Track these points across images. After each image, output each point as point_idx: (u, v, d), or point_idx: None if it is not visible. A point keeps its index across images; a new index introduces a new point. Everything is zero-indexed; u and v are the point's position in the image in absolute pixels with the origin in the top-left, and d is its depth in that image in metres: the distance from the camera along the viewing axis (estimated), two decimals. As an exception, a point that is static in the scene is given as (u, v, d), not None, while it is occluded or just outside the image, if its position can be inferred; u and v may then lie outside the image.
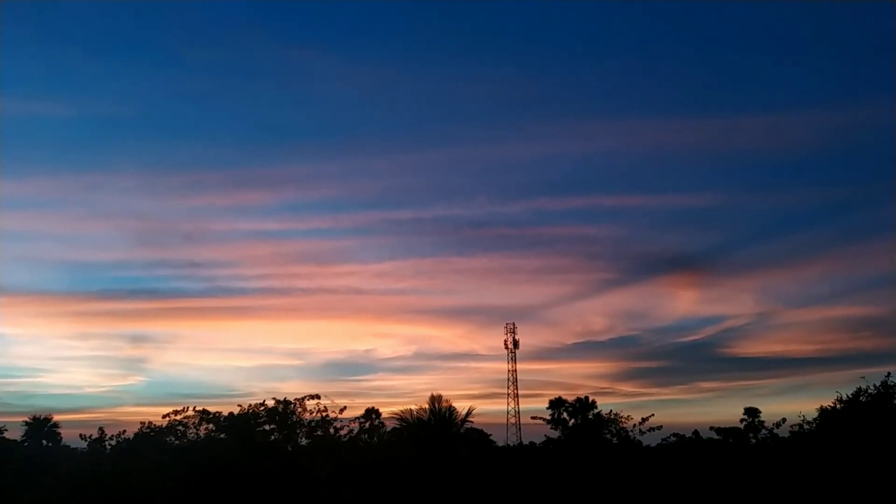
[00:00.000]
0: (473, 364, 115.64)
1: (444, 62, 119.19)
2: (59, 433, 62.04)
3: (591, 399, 45.51)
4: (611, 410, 44.68)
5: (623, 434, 43.73)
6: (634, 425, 43.50)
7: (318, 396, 45.15)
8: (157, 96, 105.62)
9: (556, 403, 46.23)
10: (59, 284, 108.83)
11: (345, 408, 46.09)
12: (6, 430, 61.62)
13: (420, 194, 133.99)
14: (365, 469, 37.92)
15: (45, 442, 60.87)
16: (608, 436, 43.99)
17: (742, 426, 45.76)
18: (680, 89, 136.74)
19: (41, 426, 61.40)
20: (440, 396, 37.49)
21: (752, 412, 46.26)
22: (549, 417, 46.05)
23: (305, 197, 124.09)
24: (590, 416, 44.74)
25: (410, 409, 37.37)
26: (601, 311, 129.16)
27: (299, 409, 44.44)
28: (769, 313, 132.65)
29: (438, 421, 36.61)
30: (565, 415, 45.65)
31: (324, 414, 44.97)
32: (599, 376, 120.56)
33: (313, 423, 44.68)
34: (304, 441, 44.70)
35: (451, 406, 37.29)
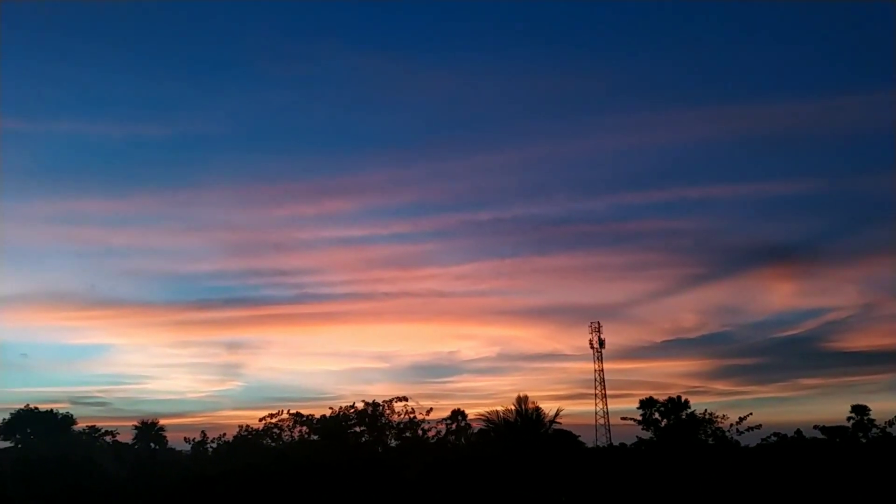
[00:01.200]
0: (558, 364, 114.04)
1: (517, 61, 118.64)
2: (166, 436, 65.70)
3: (683, 398, 44.14)
4: (705, 410, 43.23)
5: (720, 434, 42.14)
6: (731, 425, 41.86)
7: (405, 399, 45.94)
8: (243, 113, 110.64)
9: (646, 403, 45.04)
10: (161, 295, 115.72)
11: (431, 409, 46.68)
12: (118, 433, 65.85)
13: (498, 195, 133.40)
14: (453, 470, 38.08)
15: (152, 445, 64.55)
16: (703, 436, 42.50)
17: (850, 425, 43.15)
18: (769, 71, 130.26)
19: (149, 430, 65.15)
20: (526, 397, 37.12)
21: (860, 410, 43.61)
22: (639, 418, 44.95)
23: (386, 203, 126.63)
24: (683, 416, 43.35)
25: (496, 411, 37.20)
26: (691, 308, 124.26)
27: (387, 412, 45.32)
28: (875, 304, 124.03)
29: (525, 422, 36.26)
30: (657, 415, 44.43)
31: (411, 416, 45.70)
32: (691, 375, 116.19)
33: (401, 425, 45.43)
34: (393, 442, 45.52)
35: (537, 407, 36.83)
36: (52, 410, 64.92)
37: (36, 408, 64.46)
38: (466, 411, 48.45)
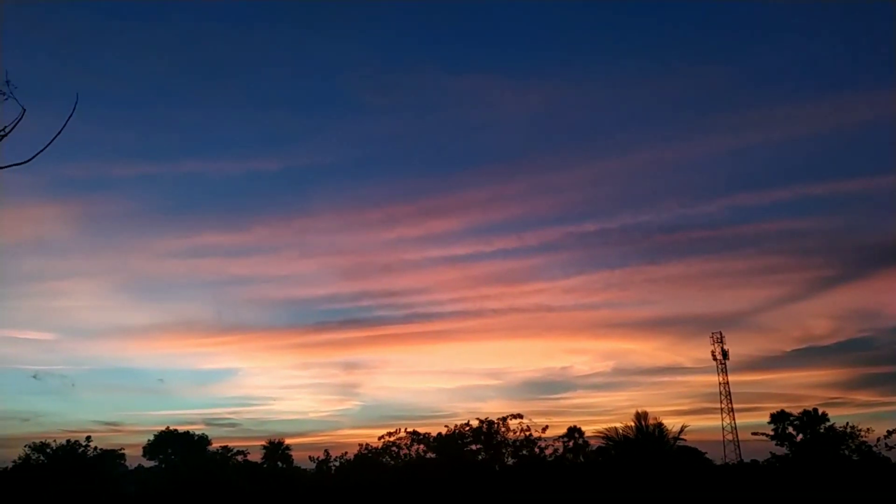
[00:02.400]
0: (679, 378, 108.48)
1: (613, 69, 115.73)
2: (291, 455, 68.60)
3: (820, 411, 41.18)
4: (846, 423, 40.20)
5: (865, 449, 38.93)
6: (878, 439, 38.60)
7: (520, 416, 45.66)
8: (349, 143, 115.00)
9: (778, 417, 42.38)
10: (281, 320, 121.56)
11: (547, 427, 46.09)
12: (249, 452, 69.45)
13: (603, 204, 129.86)
14: (573, 488, 37.31)
15: (280, 463, 67.58)
16: (846, 451, 39.40)
17: None
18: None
19: (276, 449, 68.23)
20: (646, 413, 35.90)
21: None
22: (771, 433, 42.43)
23: (489, 219, 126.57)
24: (820, 430, 40.41)
25: (615, 428, 36.20)
26: (822, 313, 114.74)
27: (503, 429, 45.18)
28: None
29: (647, 439, 35.05)
30: (791, 429, 41.73)
31: (527, 433, 45.32)
32: (827, 385, 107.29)
33: (518, 443, 45.12)
34: (510, 460, 45.27)
35: (659, 423, 35.51)
36: (189, 432, 69.44)
37: (175, 430, 69.20)
38: (583, 428, 47.46)
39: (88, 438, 56.30)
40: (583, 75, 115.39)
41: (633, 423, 35.64)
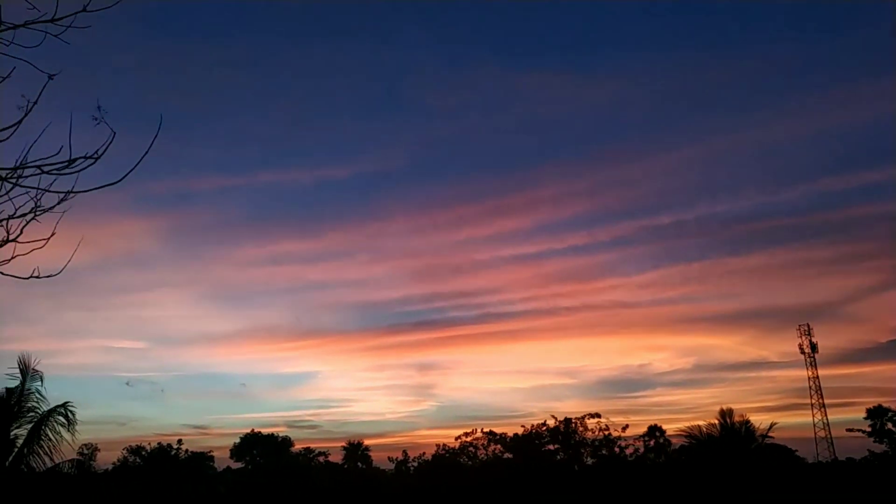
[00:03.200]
0: (765, 373, 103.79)
1: (679, 57, 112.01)
2: (370, 455, 69.95)
3: (922, 406, 38.65)
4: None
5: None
6: None
7: (598, 415, 44.94)
8: (416, 146, 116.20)
9: (876, 412, 40.04)
10: (356, 323, 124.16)
11: (627, 426, 45.18)
12: (329, 454, 71.17)
13: (677, 196, 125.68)
14: (656, 488, 36.41)
15: (359, 464, 68.97)
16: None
17: None
18: None
19: (356, 450, 69.70)
20: (731, 410, 34.59)
21: None
22: (868, 429, 40.15)
23: (559, 216, 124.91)
24: (924, 426, 37.96)
25: (698, 426, 35.05)
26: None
27: (580, 429, 44.58)
28: None
29: (732, 437, 33.79)
30: (890, 425, 39.37)
31: (606, 433, 44.55)
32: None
33: (597, 443, 44.43)
34: (589, 460, 44.62)
35: (746, 420, 34.14)
36: (273, 434, 71.89)
37: (259, 432, 71.76)
38: (664, 427, 46.24)
39: (180, 441, 59.11)
40: (649, 65, 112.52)
41: (717, 421, 34.41)
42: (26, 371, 23.69)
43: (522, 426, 46.12)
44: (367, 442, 70.64)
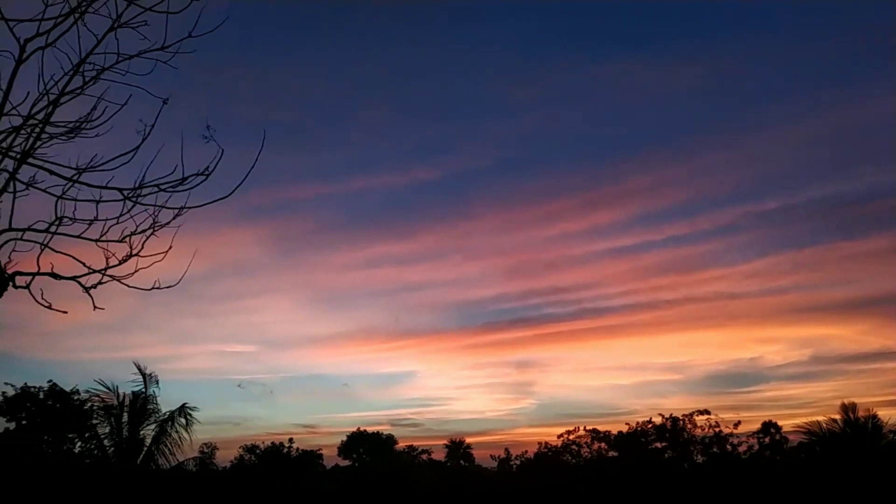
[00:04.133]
0: (891, 364, 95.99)
1: (774, 31, 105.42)
2: (472, 454, 70.45)
3: None
4: None
5: None
6: None
7: (707, 412, 43.14)
8: (503, 142, 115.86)
9: None
10: (452, 322, 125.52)
11: (739, 423, 43.12)
12: (432, 451, 72.24)
13: (784, 178, 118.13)
14: (773, 488, 34.55)
15: (462, 462, 69.60)
16: None
17: None
18: None
19: (458, 448, 70.45)
20: (854, 405, 32.25)
21: None
22: None
23: (655, 206, 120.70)
24: None
25: (818, 422, 32.93)
26: None
27: (689, 426, 42.94)
28: None
29: (857, 433, 31.54)
30: None
31: (716, 430, 42.69)
32: None
33: (707, 440, 42.67)
34: (700, 459, 42.93)
35: (873, 415, 31.75)
36: (377, 432, 73.81)
37: (365, 430, 73.87)
38: (779, 423, 43.75)
39: (291, 440, 61.75)
40: (745, 45, 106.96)
41: (839, 416, 32.22)
42: (147, 376, 25.49)
43: (627, 424, 44.99)
44: (468, 440, 71.25)
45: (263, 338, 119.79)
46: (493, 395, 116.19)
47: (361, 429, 73.88)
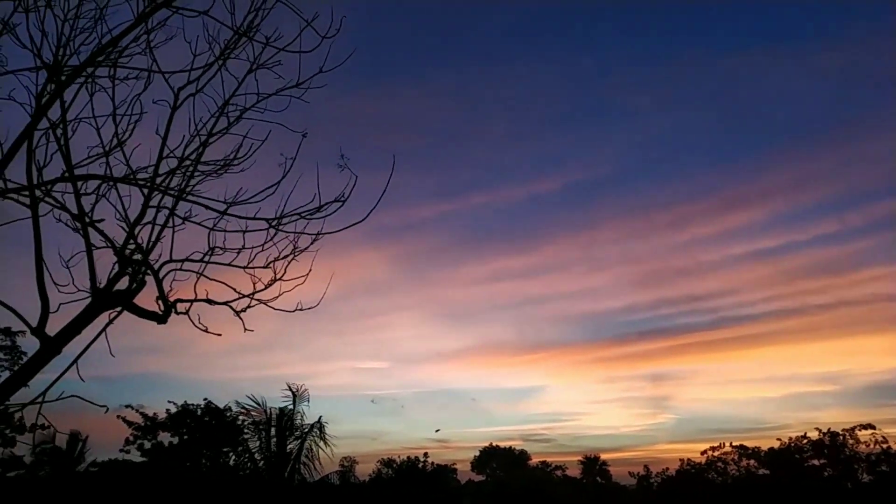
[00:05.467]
0: None
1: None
2: (609, 470, 68.33)
3: None
4: None
5: None
6: None
7: (871, 426, 39.26)
8: (623, 148, 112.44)
9: None
10: (579, 335, 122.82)
11: (911, 438, 38.84)
12: (567, 468, 70.85)
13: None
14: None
15: (598, 479, 67.66)
16: None
17: None
18: None
19: (593, 465, 68.61)
20: None
21: None
22: None
23: (798, 203, 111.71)
24: None
25: None
26: None
27: (850, 441, 39.24)
28: None
29: None
30: None
31: (884, 446, 38.73)
32: None
33: (873, 457, 38.78)
34: (865, 478, 39.05)
35: None
36: (510, 447, 73.56)
37: (497, 445, 73.86)
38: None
39: (426, 454, 62.98)
40: (887, 25, 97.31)
41: None
42: (295, 393, 27.00)
43: (778, 439, 41.99)
44: (603, 456, 69.24)
45: (394, 354, 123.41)
46: (628, 409, 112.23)
47: (493, 444, 73.96)
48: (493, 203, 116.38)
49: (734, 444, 44.38)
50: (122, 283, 4.77)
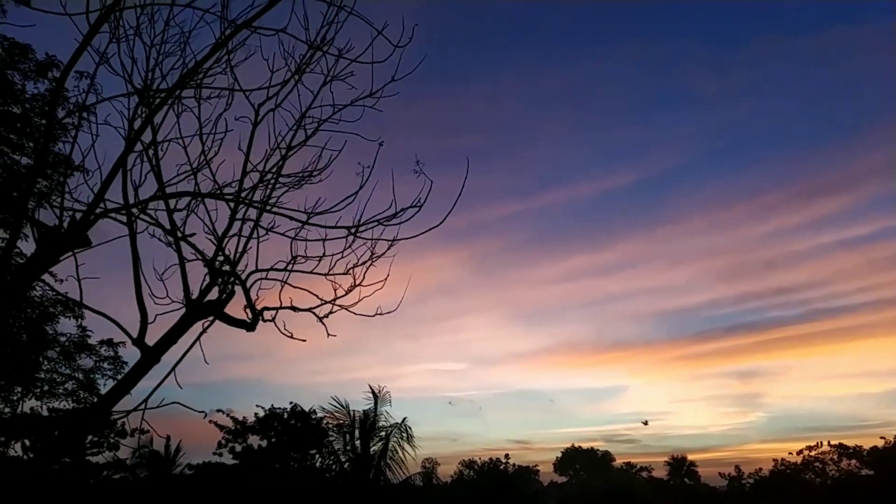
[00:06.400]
0: None
1: None
2: (697, 471, 66.12)
3: None
4: None
5: None
6: None
7: None
8: (698, 138, 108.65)
9: None
10: (660, 332, 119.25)
11: None
12: (652, 469, 69.02)
13: None
14: None
15: (686, 480, 65.56)
16: None
17: None
18: None
19: (680, 465, 66.58)
20: None
21: None
22: None
23: (891, 187, 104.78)
24: None
25: None
26: None
27: (965, 439, 36.56)
28: None
29: None
30: None
31: None
32: None
33: None
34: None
35: None
36: (592, 448, 72.34)
37: (579, 447, 72.79)
38: None
39: (507, 456, 62.78)
40: None
41: None
42: (377, 395, 27.48)
43: (882, 437, 39.56)
44: (690, 457, 67.14)
45: (470, 356, 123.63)
46: (716, 408, 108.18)
47: (575, 445, 72.93)
48: (564, 200, 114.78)
49: (833, 442, 42.10)
50: (213, 294, 5.00)
